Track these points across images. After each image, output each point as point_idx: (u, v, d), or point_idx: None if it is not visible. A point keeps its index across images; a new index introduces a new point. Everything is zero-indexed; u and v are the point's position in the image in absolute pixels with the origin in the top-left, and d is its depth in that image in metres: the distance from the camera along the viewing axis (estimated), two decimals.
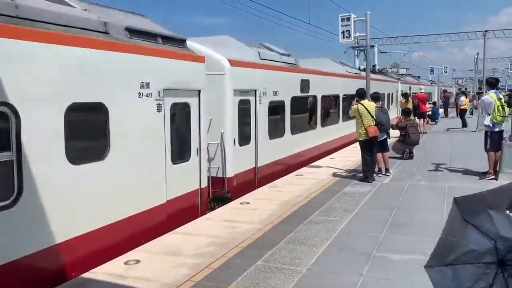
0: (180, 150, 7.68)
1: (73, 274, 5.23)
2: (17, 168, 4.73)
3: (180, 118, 7.68)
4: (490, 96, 9.63)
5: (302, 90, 13.01)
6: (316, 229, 6.46)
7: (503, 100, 9.76)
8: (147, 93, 6.65)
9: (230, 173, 9.45)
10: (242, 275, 4.87)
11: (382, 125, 9.89)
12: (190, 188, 7.86)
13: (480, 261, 2.08)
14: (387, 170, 10.64)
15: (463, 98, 24.14)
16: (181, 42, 7.89)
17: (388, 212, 7.33)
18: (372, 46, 14.98)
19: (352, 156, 13.20)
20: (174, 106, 7.32)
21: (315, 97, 14.20)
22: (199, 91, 7.97)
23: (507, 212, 2.08)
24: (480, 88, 32.69)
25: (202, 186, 8.21)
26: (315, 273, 4.92)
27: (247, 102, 10.10)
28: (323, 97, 14.82)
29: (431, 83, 44.03)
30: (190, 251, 5.68)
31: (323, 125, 14.93)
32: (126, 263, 5.28)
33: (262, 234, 6.33)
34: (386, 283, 4.63)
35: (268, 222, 6.87)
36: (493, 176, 9.69)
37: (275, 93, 11.24)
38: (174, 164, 7.34)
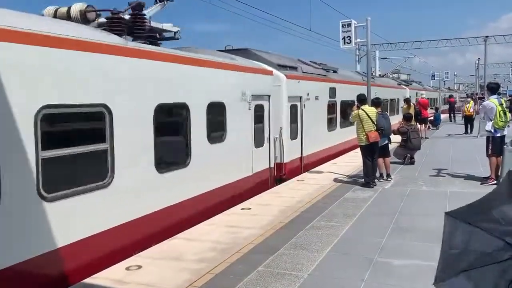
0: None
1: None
2: None
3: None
4: (492, 102, 9.64)
5: (330, 97, 15.33)
6: (318, 235, 6.45)
7: (504, 105, 9.77)
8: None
9: (286, 160, 11.88)
10: (244, 280, 4.86)
11: (383, 130, 9.90)
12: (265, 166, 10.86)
13: (497, 260, 2.00)
14: (388, 175, 10.63)
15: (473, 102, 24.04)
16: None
17: (390, 217, 7.32)
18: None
19: (353, 162, 13.20)
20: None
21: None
22: (269, 96, 10.94)
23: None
24: (482, 94, 32.57)
25: (271, 166, 11.15)
26: (317, 278, 4.91)
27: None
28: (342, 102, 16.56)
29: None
30: (192, 256, 5.68)
31: (341, 126, 16.82)
32: (127, 268, 5.27)
33: (263, 239, 6.33)
34: None
35: (270, 228, 6.86)
36: (495, 181, 9.67)
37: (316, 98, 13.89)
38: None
